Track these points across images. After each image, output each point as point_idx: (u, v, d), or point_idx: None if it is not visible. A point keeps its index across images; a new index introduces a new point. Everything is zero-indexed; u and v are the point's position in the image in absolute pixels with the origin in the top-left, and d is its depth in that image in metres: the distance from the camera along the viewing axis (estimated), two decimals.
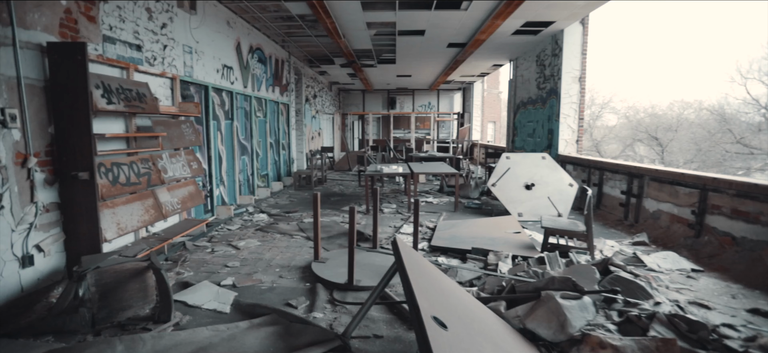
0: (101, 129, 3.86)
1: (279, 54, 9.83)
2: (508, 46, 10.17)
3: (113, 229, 3.64)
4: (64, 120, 3.37)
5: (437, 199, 8.30)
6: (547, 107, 9.37)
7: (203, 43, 5.94)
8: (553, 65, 8.91)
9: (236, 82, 7.19)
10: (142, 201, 4.12)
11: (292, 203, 7.89)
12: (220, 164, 6.62)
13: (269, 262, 4.43)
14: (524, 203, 6.88)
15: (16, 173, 3.11)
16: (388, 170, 7.16)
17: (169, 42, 5.05)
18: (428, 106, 21.58)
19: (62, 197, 3.47)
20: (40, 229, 3.31)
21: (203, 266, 4.29)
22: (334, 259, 4.36)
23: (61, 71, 3.32)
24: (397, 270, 2.72)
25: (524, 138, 11.33)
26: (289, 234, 5.54)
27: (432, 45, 10.02)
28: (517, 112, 12.02)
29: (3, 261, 3.02)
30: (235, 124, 7.07)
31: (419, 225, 6.04)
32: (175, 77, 5.09)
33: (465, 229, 5.62)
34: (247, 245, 5.02)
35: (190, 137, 5.04)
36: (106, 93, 3.63)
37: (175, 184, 4.76)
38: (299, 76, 11.82)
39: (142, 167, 4.15)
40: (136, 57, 4.44)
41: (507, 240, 4.93)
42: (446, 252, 4.72)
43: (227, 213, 6.38)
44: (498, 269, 3.76)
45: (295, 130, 11.75)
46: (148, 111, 4.14)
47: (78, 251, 3.49)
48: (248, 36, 7.76)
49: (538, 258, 3.71)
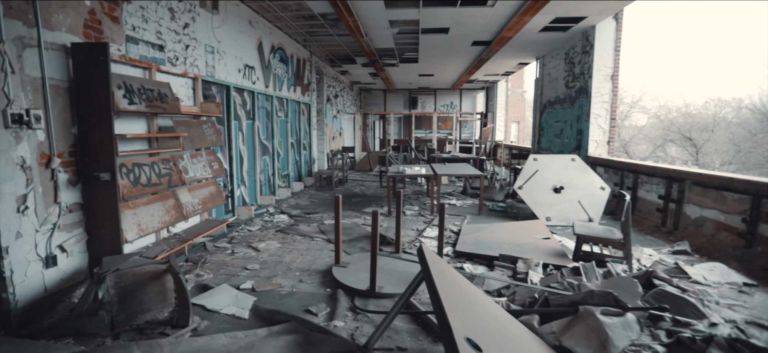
0: (123, 129, 3.84)
1: (301, 53, 9.80)
2: (534, 44, 9.85)
3: (134, 230, 3.61)
4: (87, 121, 3.35)
5: (461, 201, 8.10)
6: (576, 106, 9.03)
7: (225, 42, 5.92)
8: (583, 63, 8.57)
9: (258, 81, 7.17)
10: (163, 202, 4.09)
11: (313, 204, 7.82)
12: (241, 164, 6.60)
13: (289, 265, 4.34)
14: (553, 207, 6.62)
15: (40, 174, 3.10)
16: (410, 171, 7.01)
17: (191, 42, 5.03)
18: (450, 106, 21.28)
19: (85, 198, 3.45)
20: (64, 230, 3.30)
21: (223, 268, 4.23)
22: (355, 264, 4.23)
23: (84, 72, 3.31)
24: (422, 279, 2.57)
25: (551, 138, 10.97)
26: (310, 236, 5.45)
27: (456, 43, 9.81)
28: (544, 112, 11.66)
29: (27, 261, 3.02)
30: (256, 123, 7.05)
31: (451, 232, 5.88)
32: (197, 77, 5.07)
33: (491, 234, 5.41)
34: (267, 247, 4.95)
35: (211, 137, 5.00)
36: (127, 93, 3.61)
37: (196, 185, 4.73)
38: (321, 75, 11.78)
39: (163, 168, 4.12)
40: (159, 57, 4.43)
41: (536, 247, 4.70)
42: (471, 258, 4.53)
43: (248, 214, 6.35)
44: (528, 278, 3.55)
45: (317, 129, 11.72)
46: (169, 111, 4.11)
47: (100, 252, 3.47)
48: (270, 35, 7.73)
49: (573, 268, 3.48)
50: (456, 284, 2.49)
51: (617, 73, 7.95)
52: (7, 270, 2.87)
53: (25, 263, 3.00)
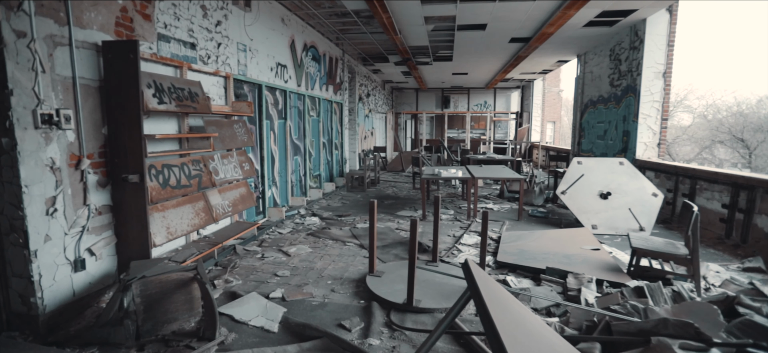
0: (152, 129, 3.75)
1: (333, 52, 9.66)
2: (577, 40, 9.31)
3: (163, 233, 3.51)
4: (116, 121, 3.26)
5: (498, 205, 7.72)
6: (623, 106, 8.45)
7: (257, 40, 5.81)
8: (631, 59, 7.99)
9: (290, 80, 7.05)
10: (192, 204, 3.98)
11: (345, 206, 7.65)
12: (272, 165, 6.49)
13: (321, 273, 4.16)
14: (599, 214, 6.16)
15: (69, 175, 3.03)
16: (446, 174, 6.71)
17: (223, 40, 4.93)
18: (484, 106, 20.72)
19: (114, 199, 3.37)
20: (92, 232, 3.23)
21: (252, 274, 4.09)
22: (390, 273, 3.99)
23: (114, 70, 3.22)
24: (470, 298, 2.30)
25: (593, 140, 10.38)
26: (342, 241, 5.26)
27: (493, 40, 9.40)
28: (585, 112, 11.07)
29: (56, 265, 2.95)
30: (288, 123, 6.93)
31: (490, 238, 5.54)
32: (229, 76, 4.96)
33: (533, 242, 5.05)
34: (298, 252, 4.79)
35: (242, 137, 4.89)
36: (157, 92, 3.50)
37: (226, 186, 4.62)
38: (353, 74, 11.62)
39: (193, 169, 4.02)
40: (190, 55, 4.33)
41: (586, 259, 4.31)
42: (515, 270, 4.20)
43: (279, 216, 6.23)
44: (581, 297, 3.20)
45: (348, 129, 11.57)
46: (199, 110, 4.00)
47: (129, 255, 3.39)
48: (303, 33, 7.60)
49: (635, 287, 3.10)
50: (507, 304, 2.20)
51: (670, 70, 7.35)
52: (35, 275, 2.80)
53: (54, 267, 2.93)
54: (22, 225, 2.73)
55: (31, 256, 2.77)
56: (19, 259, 2.79)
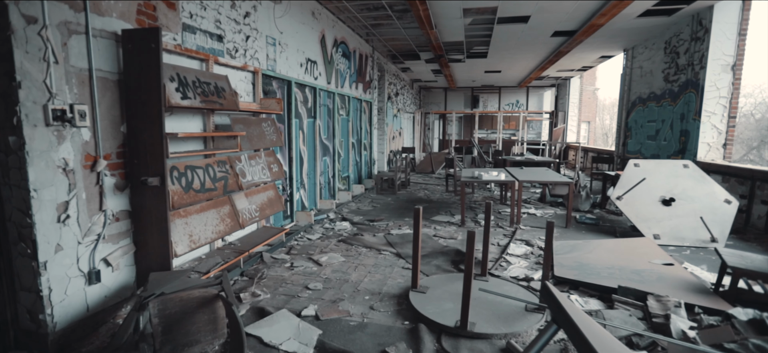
0: (175, 127, 3.44)
1: (363, 49, 9.28)
2: (626, 32, 8.60)
3: (185, 242, 3.18)
4: (136, 117, 2.95)
5: (540, 210, 7.14)
6: (680, 103, 7.71)
7: (287, 34, 5.47)
8: (692, 51, 7.26)
9: (320, 77, 6.70)
10: (217, 209, 3.65)
11: (376, 209, 7.24)
12: (301, 166, 6.15)
13: (356, 286, 3.75)
14: (661, 223, 5.52)
15: (84, 178, 2.73)
16: (487, 176, 6.20)
17: (251, 32, 4.61)
18: (516, 105, 19.94)
19: (133, 204, 3.06)
20: (109, 240, 2.92)
21: (281, 286, 3.72)
22: (435, 288, 3.54)
23: (134, 61, 2.91)
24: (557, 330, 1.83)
25: (641, 140, 9.61)
26: (377, 249, 4.84)
27: (534, 34, 8.81)
28: (632, 110, 10.29)
29: (68, 277, 2.65)
30: (317, 122, 6.58)
31: (530, 245, 5.04)
32: (257, 71, 4.63)
33: (590, 254, 4.49)
34: (330, 261, 4.40)
35: (271, 137, 4.54)
36: (181, 86, 3.18)
37: (253, 189, 4.28)
38: (382, 72, 11.22)
39: (218, 170, 3.69)
40: (217, 48, 4.02)
41: (660, 276, 3.74)
42: (576, 287, 3.68)
43: (307, 220, 5.88)
44: (671, 326, 2.66)
45: (377, 129, 11.18)
46: (226, 107, 3.67)
47: (148, 265, 3.07)
48: (333, 28, 7.25)
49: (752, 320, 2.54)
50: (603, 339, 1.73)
51: (740, 62, 6.60)
52: (44, 289, 2.50)
53: (66, 279, 2.63)
54: (30, 234, 2.44)
55: (40, 268, 2.47)
56: (28, 272, 2.50)
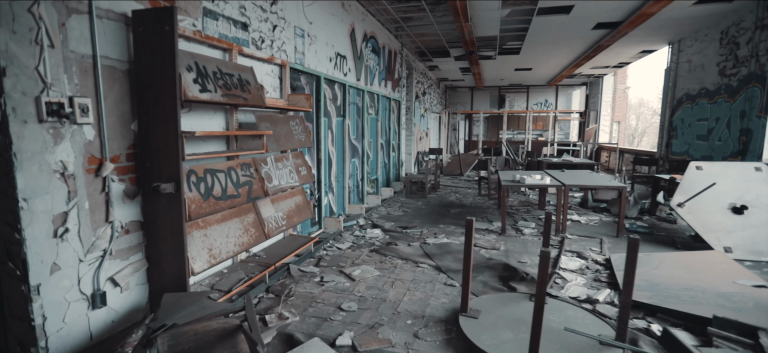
0: (193, 125, 3.02)
1: (392, 45, 8.80)
2: (676, 23, 7.86)
3: (203, 257, 2.75)
4: (148, 113, 2.54)
5: (584, 217, 6.52)
6: (741, 99, 6.94)
7: (316, 25, 5.03)
8: (756, 41, 6.50)
9: (349, 73, 6.25)
10: (240, 218, 3.22)
11: (407, 214, 6.74)
12: (329, 168, 5.70)
13: (396, 307, 3.26)
14: (733, 233, 4.85)
15: (87, 184, 2.32)
16: (531, 181, 5.63)
17: (279, 21, 4.18)
18: (545, 104, 19.12)
19: (145, 213, 2.65)
20: (117, 256, 2.52)
21: (311, 305, 3.26)
22: (488, 312, 3.02)
23: (146, 48, 2.49)
24: None
25: (690, 140, 8.82)
26: (413, 261, 4.34)
27: (575, 26, 8.15)
28: (677, 108, 9.51)
29: (66, 302, 2.24)
30: (346, 121, 6.13)
31: (583, 258, 4.44)
32: (285, 64, 4.20)
33: (658, 271, 3.90)
34: (364, 275, 3.92)
35: (299, 136, 4.10)
36: (199, 77, 2.75)
37: (279, 195, 3.85)
38: (410, 70, 10.72)
39: (241, 174, 3.25)
40: (241, 37, 3.59)
41: (757, 302, 3.12)
42: (653, 313, 3.10)
43: (336, 227, 5.42)
44: None
45: (405, 129, 10.68)
46: (251, 102, 3.23)
47: (162, 284, 2.66)
48: (363, 22, 6.79)
49: None
50: None
51: None
52: (37, 317, 2.09)
53: (64, 305, 2.23)
54: (19, 252, 2.04)
55: (31, 293, 2.06)
56: (18, 296, 2.10)
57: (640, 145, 34.28)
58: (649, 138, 35.83)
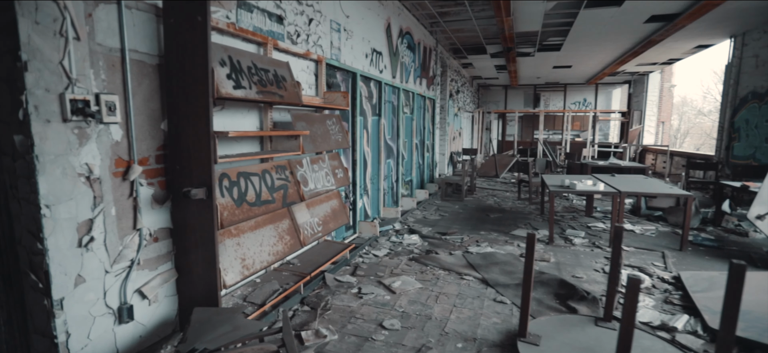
0: (226, 125, 2.81)
1: (427, 41, 8.47)
2: (742, 13, 7.18)
3: (236, 268, 2.53)
4: (177, 111, 2.34)
5: (638, 226, 5.99)
6: None
7: (353, 19, 4.78)
8: None
9: (385, 70, 5.98)
10: (275, 225, 3.00)
11: (444, 219, 6.40)
12: (364, 170, 5.44)
13: (443, 326, 2.95)
14: None
15: (114, 189, 2.14)
16: (582, 186, 5.18)
17: (315, 15, 3.94)
18: (583, 103, 18.28)
19: (175, 220, 2.46)
20: (145, 266, 2.33)
21: (350, 321, 3.00)
22: (549, 337, 2.67)
23: (177, 41, 2.29)
24: None
25: (756, 143, 8.06)
26: (457, 272, 4.02)
27: (625, 20, 7.59)
28: (740, 108, 8.73)
29: (92, 317, 2.06)
30: (382, 121, 5.85)
31: (647, 274, 3.99)
32: (321, 59, 3.96)
33: (746, 295, 3.40)
34: (404, 287, 3.63)
35: (336, 137, 3.85)
36: (233, 72, 2.54)
37: (315, 199, 3.61)
38: (444, 68, 10.35)
39: (276, 178, 3.03)
40: (277, 31, 3.37)
41: None
42: (752, 350, 2.66)
43: (371, 232, 5.16)
44: None
45: (439, 129, 10.33)
46: (287, 100, 3.00)
47: (191, 296, 2.45)
48: (399, 17, 6.50)
49: None
50: None
51: None
52: (60, 334, 1.92)
53: (89, 319, 2.05)
54: (42, 264, 1.86)
55: (54, 308, 1.89)
56: (40, 311, 1.93)
57: (682, 146, 32.45)
58: (692, 139, 33.89)
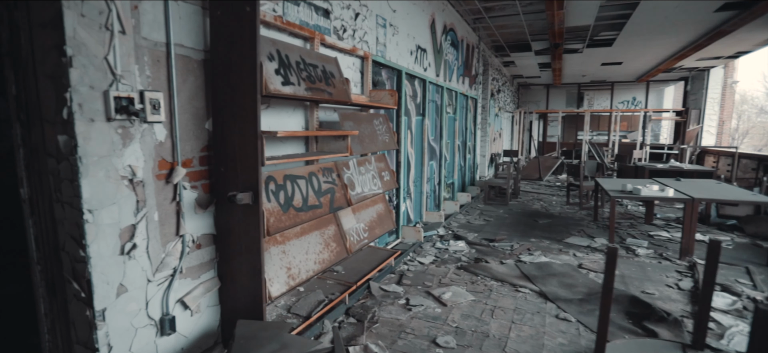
0: (272, 124, 2.66)
1: (470, 38, 8.14)
2: None
3: (282, 279, 2.36)
4: (222, 110, 2.19)
5: (708, 236, 5.43)
6: None
7: (399, 14, 4.57)
8: None
9: (429, 68, 5.72)
10: (320, 231, 2.82)
11: (489, 224, 6.07)
12: (408, 172, 5.21)
13: (502, 345, 2.68)
14: None
15: (157, 192, 2.01)
16: (647, 192, 4.72)
17: (361, 9, 3.75)
18: (632, 102, 17.27)
19: (218, 226, 2.31)
20: (187, 275, 2.19)
21: (400, 336, 2.78)
22: None
23: (224, 35, 2.14)
24: None
25: None
26: (511, 284, 3.72)
27: (693, 8, 6.95)
28: None
29: (133, 328, 1.94)
30: (425, 121, 5.60)
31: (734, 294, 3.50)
32: (367, 56, 3.76)
33: None
34: (455, 299, 3.37)
35: (383, 137, 3.64)
36: (281, 67, 2.37)
37: (361, 203, 3.41)
38: (486, 66, 9.96)
39: (323, 181, 2.85)
40: (323, 25, 3.20)
41: None
42: None
43: (415, 237, 4.92)
44: None
45: (480, 129, 9.95)
46: (336, 98, 2.81)
47: (234, 306, 2.30)
48: (443, 12, 6.23)
49: None
50: None
51: None
52: (102, 346, 1.80)
53: (131, 331, 1.92)
54: (84, 272, 1.75)
55: (96, 318, 1.77)
56: (83, 321, 1.82)
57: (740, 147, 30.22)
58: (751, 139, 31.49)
